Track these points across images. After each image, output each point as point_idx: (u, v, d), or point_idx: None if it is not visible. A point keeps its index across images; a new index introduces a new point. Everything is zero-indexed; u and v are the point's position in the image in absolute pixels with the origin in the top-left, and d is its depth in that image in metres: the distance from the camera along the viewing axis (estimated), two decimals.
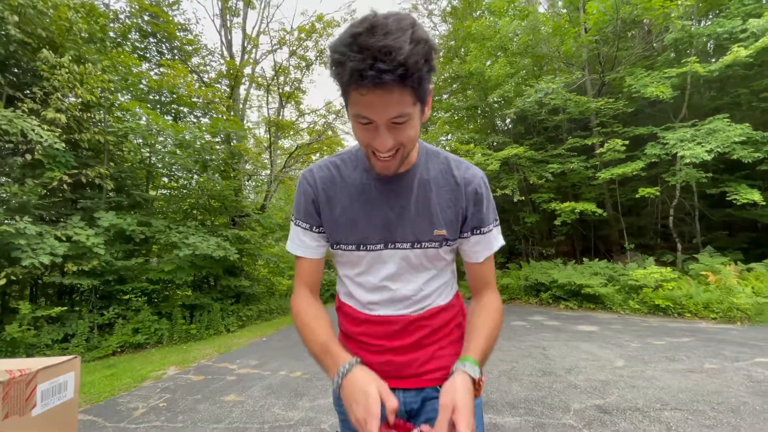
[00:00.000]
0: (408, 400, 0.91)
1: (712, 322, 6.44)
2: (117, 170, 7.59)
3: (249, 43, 12.53)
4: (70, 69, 6.01)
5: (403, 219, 0.86)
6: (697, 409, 2.93)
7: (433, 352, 0.92)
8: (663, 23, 9.69)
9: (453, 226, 0.88)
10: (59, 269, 6.41)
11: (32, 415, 0.77)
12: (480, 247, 0.91)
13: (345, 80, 0.63)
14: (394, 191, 0.86)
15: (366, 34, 0.59)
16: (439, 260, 0.91)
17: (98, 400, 3.68)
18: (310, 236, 0.92)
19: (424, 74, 0.63)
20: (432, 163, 0.89)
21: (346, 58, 0.60)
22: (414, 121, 0.70)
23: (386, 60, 0.58)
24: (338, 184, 0.89)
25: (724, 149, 7.56)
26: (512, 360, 4.52)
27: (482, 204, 0.88)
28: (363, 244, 0.88)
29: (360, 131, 0.72)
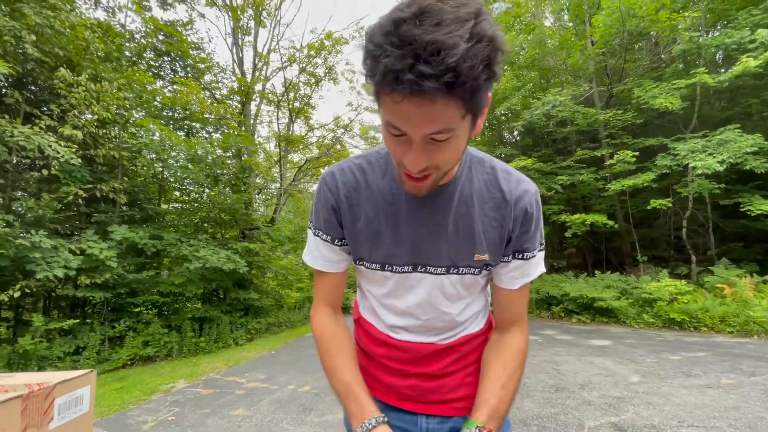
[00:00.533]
0: (431, 427, 0.83)
1: (728, 336, 6.26)
2: (130, 185, 7.75)
3: (260, 61, 12.83)
4: (87, 87, 6.21)
5: (438, 239, 0.73)
6: (714, 425, 2.84)
7: (462, 379, 0.84)
8: (670, 35, 9.71)
9: (496, 249, 0.74)
10: (72, 282, 6.52)
11: (50, 428, 0.79)
12: (518, 273, 0.78)
13: (377, 80, 0.49)
14: (428, 206, 0.72)
15: (411, 22, 0.46)
16: (476, 287, 0.80)
17: (108, 413, 3.69)
18: (332, 249, 0.80)
19: (481, 83, 0.48)
20: (476, 174, 0.74)
21: (381, 52, 0.47)
22: (459, 138, 0.56)
23: (432, 61, 0.44)
24: (363, 191, 0.75)
25: (737, 160, 7.46)
26: (524, 375, 4.43)
27: (531, 225, 0.74)
28: (389, 264, 0.76)
29: (391, 142, 0.58)
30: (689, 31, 9.11)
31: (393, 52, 0.46)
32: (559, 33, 12.33)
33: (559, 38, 11.86)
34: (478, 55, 0.46)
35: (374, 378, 0.87)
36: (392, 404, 0.85)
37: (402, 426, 0.84)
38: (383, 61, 0.47)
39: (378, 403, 0.77)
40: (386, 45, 0.46)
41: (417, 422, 0.84)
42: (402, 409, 0.84)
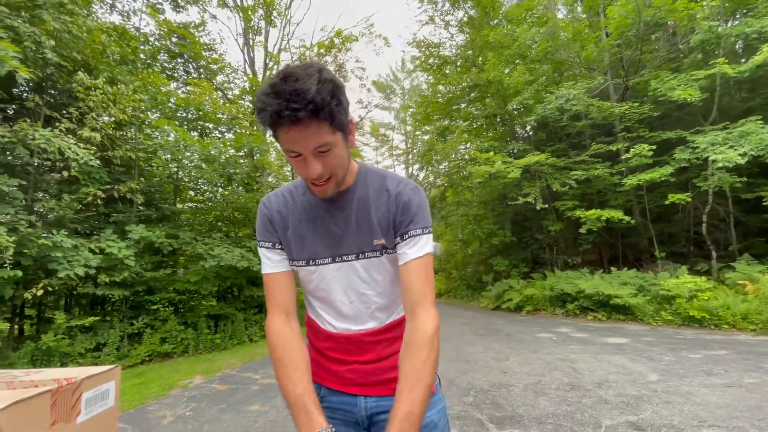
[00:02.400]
0: (369, 405, 0.96)
1: (751, 334, 6.10)
2: (147, 185, 7.90)
3: (271, 60, 12.92)
4: (104, 90, 6.34)
5: (347, 233, 0.92)
6: (736, 425, 2.77)
7: (395, 361, 0.89)
8: (688, 25, 9.44)
9: (390, 235, 0.92)
10: (92, 280, 6.68)
11: (77, 422, 0.81)
12: (406, 248, 0.89)
13: (268, 122, 0.73)
14: (336, 208, 0.93)
15: (281, 83, 0.71)
16: (384, 270, 0.94)
17: (128, 408, 3.79)
18: (274, 252, 0.97)
19: (334, 107, 0.73)
20: (370, 181, 0.95)
21: (266, 105, 0.71)
22: (338, 149, 0.80)
23: (297, 100, 0.69)
24: (290, 206, 0.97)
25: (759, 152, 7.23)
26: (539, 373, 4.40)
27: (410, 210, 0.91)
28: (312, 259, 0.94)
29: (294, 164, 0.81)
30: (708, 20, 8.84)
31: (273, 102, 0.70)
32: (572, 25, 12.09)
33: (572, 30, 11.63)
34: (326, 90, 0.71)
35: (322, 367, 0.99)
36: (336, 389, 0.98)
37: (345, 408, 0.97)
38: (269, 109, 0.71)
39: (324, 389, 0.98)
40: (267, 99, 0.71)
41: (356, 403, 0.96)
42: (345, 392, 0.97)
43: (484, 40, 12.48)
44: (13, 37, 5.16)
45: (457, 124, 15.74)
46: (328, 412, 0.95)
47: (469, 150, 14.19)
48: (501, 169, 10.36)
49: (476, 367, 4.80)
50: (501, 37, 11.91)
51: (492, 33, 12.11)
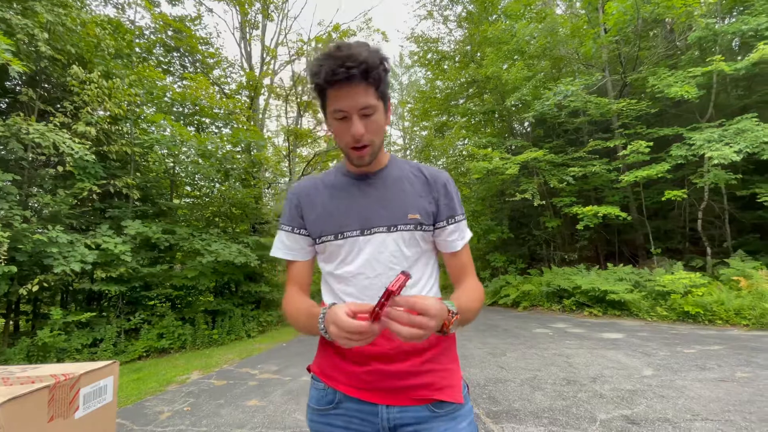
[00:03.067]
0: (392, 416, 0.87)
1: (744, 329, 6.16)
2: (143, 180, 7.86)
3: (268, 55, 12.83)
4: (99, 84, 6.28)
5: (379, 207, 0.93)
6: (728, 419, 2.81)
7: (420, 366, 0.88)
8: (686, 22, 9.44)
9: (426, 212, 0.94)
10: (89, 276, 6.66)
11: (75, 417, 0.81)
12: (456, 236, 0.97)
13: (322, 80, 0.79)
14: (370, 185, 0.96)
15: (335, 50, 0.78)
16: (415, 246, 0.93)
17: (126, 403, 3.80)
18: (292, 238, 0.99)
19: (382, 72, 0.81)
20: (402, 165, 1.01)
21: (321, 66, 0.79)
22: (379, 115, 0.85)
23: (352, 61, 0.76)
24: (319, 188, 0.99)
25: (754, 149, 7.27)
26: (535, 368, 4.44)
27: (451, 196, 0.97)
28: (341, 232, 0.93)
29: (338, 127, 0.85)
30: (705, 17, 8.84)
31: (328, 62, 0.78)
32: (570, 21, 12.07)
33: (570, 26, 11.60)
34: (376, 57, 0.79)
35: (336, 368, 0.92)
36: (352, 395, 0.89)
37: (363, 417, 0.88)
38: (324, 69, 0.78)
39: (340, 394, 0.90)
40: (324, 61, 0.79)
41: (377, 412, 0.87)
42: (362, 400, 0.88)
43: (483, 36, 12.44)
44: (5, 30, 5.09)
45: (455, 120, 15.71)
46: (342, 419, 0.89)
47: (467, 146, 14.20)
48: (499, 165, 10.36)
49: (473, 362, 4.83)
50: (499, 33, 11.87)
51: (490, 28, 12.07)
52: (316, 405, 0.93)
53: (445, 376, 0.89)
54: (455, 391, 0.89)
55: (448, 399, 0.87)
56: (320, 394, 0.93)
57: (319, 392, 0.94)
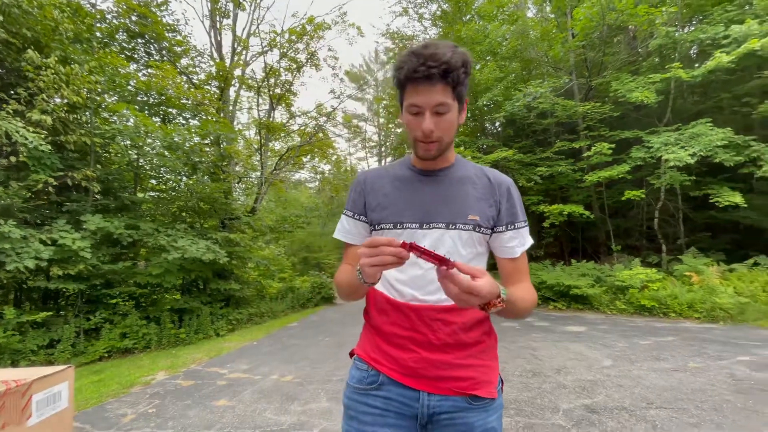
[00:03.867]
0: (432, 404, 0.92)
1: (695, 322, 6.60)
2: (104, 172, 7.47)
3: (239, 45, 12.45)
4: (56, 70, 5.90)
5: (440, 204, 0.96)
6: (681, 407, 3.01)
7: (463, 359, 0.93)
8: (648, 29, 9.92)
9: (486, 216, 0.96)
10: (44, 273, 6.29)
11: (28, 425, 0.77)
12: (515, 243, 0.99)
13: (403, 76, 0.84)
14: (434, 182, 0.99)
15: (421, 48, 0.82)
16: (471, 246, 0.95)
17: (86, 406, 3.62)
18: (353, 223, 1.05)
19: (461, 75, 0.84)
20: (468, 166, 1.03)
21: (405, 63, 0.83)
22: (452, 114, 0.87)
23: (434, 61, 0.80)
24: (384, 177, 1.03)
25: (707, 153, 7.76)
26: (503, 361, 4.57)
27: (514, 202, 1.00)
28: (400, 222, 0.96)
29: (410, 121, 0.89)
30: (666, 25, 9.32)
31: (413, 60, 0.82)
32: (541, 24, 12.41)
33: (541, 30, 11.94)
34: (459, 59, 0.82)
35: (382, 352, 0.97)
36: (396, 379, 0.94)
37: (404, 401, 0.93)
38: (407, 66, 0.82)
39: (383, 377, 0.94)
40: (408, 58, 0.83)
41: (419, 398, 0.92)
42: (405, 385, 0.93)
43: (457, 35, 12.57)
44: None
45: None
46: (383, 401, 0.93)
47: None
48: None
49: None
50: (473, 33, 12.05)
51: (464, 28, 12.22)
52: (357, 384, 0.98)
53: (485, 372, 0.95)
54: (492, 387, 0.95)
55: (485, 395, 0.93)
56: (362, 374, 0.98)
57: (361, 372, 0.98)
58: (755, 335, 5.38)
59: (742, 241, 9.87)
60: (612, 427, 2.72)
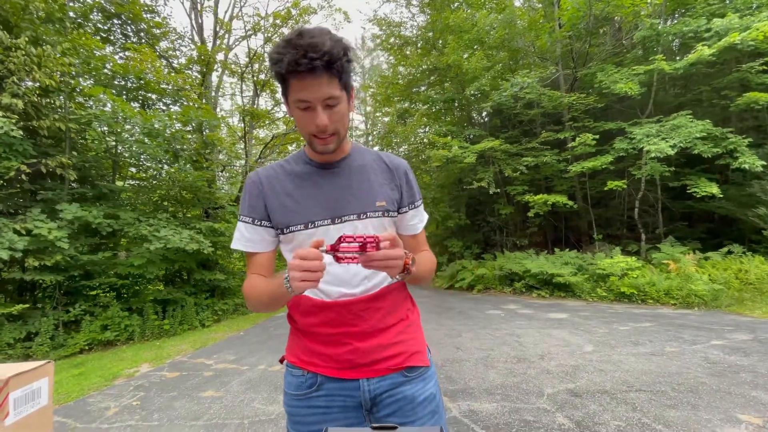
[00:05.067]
0: (372, 387, 0.94)
1: (672, 308, 6.83)
2: (80, 160, 7.20)
3: (221, 28, 12.08)
4: (27, 51, 5.62)
5: (347, 195, 0.95)
6: (659, 389, 3.12)
7: (394, 337, 0.96)
8: (633, 21, 10.01)
9: (391, 199, 0.99)
10: (19, 264, 6.07)
11: (5, 424, 0.73)
12: (417, 220, 1.06)
13: (284, 70, 0.78)
14: (335, 174, 0.97)
15: (297, 38, 0.77)
16: (382, 230, 0.97)
17: (67, 400, 3.54)
18: (252, 230, 0.97)
19: (345, 63, 0.80)
20: (364, 153, 1.04)
21: (283, 55, 0.76)
22: (343, 105, 0.85)
23: (314, 51, 0.75)
24: (282, 176, 0.98)
25: (686, 144, 7.95)
26: (488, 348, 4.66)
27: (411, 183, 1.04)
28: (311, 221, 0.94)
29: (301, 117, 0.85)
30: (650, 17, 9.42)
31: (291, 51, 0.75)
32: (528, 14, 12.39)
33: (528, 19, 11.92)
34: (339, 47, 0.78)
35: (314, 353, 0.96)
36: (333, 376, 0.94)
37: (346, 394, 0.94)
38: (286, 58, 0.76)
39: (321, 377, 0.94)
40: (286, 49, 0.76)
41: (359, 386, 0.93)
42: (344, 378, 0.94)
43: (445, 23, 12.47)
44: None
45: (417, 107, 15.77)
46: (326, 400, 0.94)
47: (428, 134, 14.33)
48: (458, 153, 10.58)
49: (430, 343, 4.93)
50: (461, 21, 11.96)
51: (452, 16, 12.12)
52: (295, 391, 0.96)
53: (413, 344, 0.99)
54: (423, 355, 0.99)
55: (418, 364, 0.97)
56: (299, 380, 0.96)
57: (297, 378, 0.97)
58: (728, 320, 5.61)
59: (717, 230, 10.23)
60: (594, 409, 2.80)
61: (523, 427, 2.59)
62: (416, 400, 0.94)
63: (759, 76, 8.54)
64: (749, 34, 7.50)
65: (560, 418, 2.70)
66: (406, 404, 0.93)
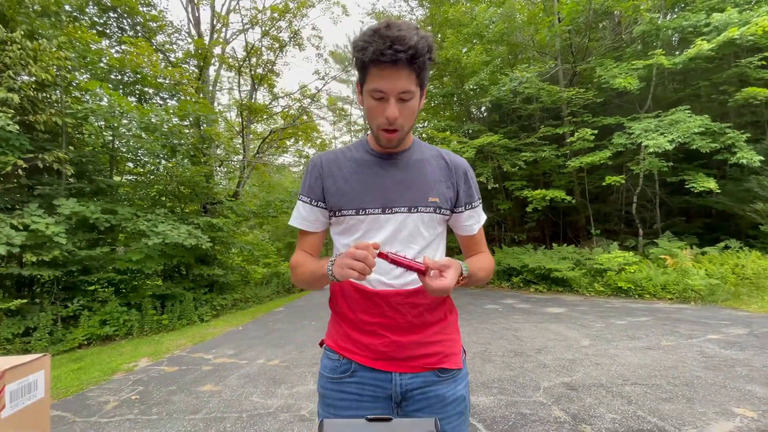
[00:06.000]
0: (404, 382, 0.95)
1: (668, 302, 6.87)
2: (77, 155, 7.16)
3: (218, 22, 11.97)
4: (23, 45, 5.56)
5: (401, 188, 0.97)
6: (654, 383, 3.15)
7: (430, 336, 0.97)
8: (632, 15, 9.96)
9: (445, 197, 1.00)
10: (17, 260, 6.06)
11: (2, 416, 0.74)
12: (473, 221, 1.06)
13: (368, 59, 0.79)
14: (393, 165, 0.99)
15: (385, 29, 0.78)
16: (433, 228, 0.99)
17: (66, 394, 3.55)
18: (309, 210, 1.01)
19: (426, 60, 0.82)
20: (425, 149, 1.04)
21: (369, 44, 0.78)
22: (415, 101, 0.87)
23: (401, 44, 0.77)
24: (342, 161, 1.01)
25: (685, 139, 7.95)
26: (486, 342, 4.68)
27: (470, 183, 1.04)
28: (362, 208, 0.96)
29: (374, 107, 0.87)
30: (650, 12, 9.38)
31: (378, 41, 0.77)
32: (527, 8, 12.32)
33: (528, 13, 11.85)
34: (424, 44, 0.79)
35: (352, 340, 0.98)
36: (368, 365, 0.96)
37: (377, 384, 0.96)
38: (371, 47, 0.78)
39: (355, 364, 0.96)
40: (373, 38, 0.78)
41: (392, 379, 0.96)
42: (377, 369, 0.96)
43: (444, 17, 12.39)
44: None
45: None
46: (357, 387, 0.96)
47: (426, 129, 14.28)
48: (456, 148, 10.55)
49: None
50: (460, 15, 11.88)
51: (451, 10, 12.04)
52: (330, 374, 0.99)
53: (450, 345, 1.00)
54: (457, 358, 1.01)
55: (452, 366, 0.98)
56: (335, 364, 0.99)
57: (333, 362, 0.99)
58: (724, 315, 5.65)
59: (714, 226, 10.27)
60: (590, 403, 2.83)
61: (519, 420, 2.61)
62: (446, 399, 0.96)
63: (757, 71, 8.54)
64: (748, 29, 7.47)
65: (556, 411, 2.72)
66: (436, 402, 0.96)
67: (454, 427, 0.96)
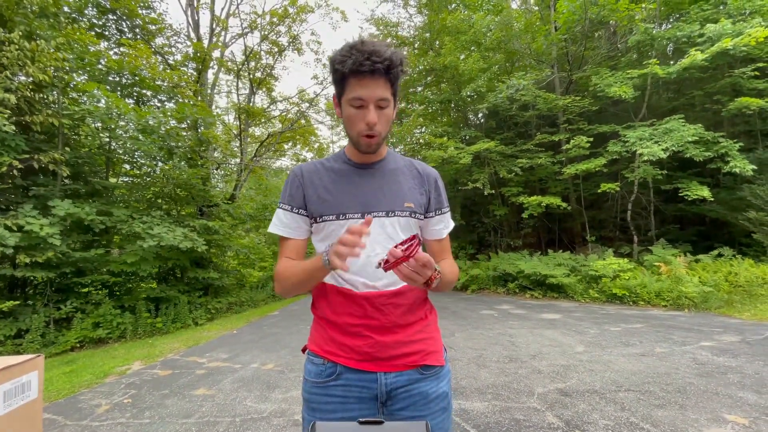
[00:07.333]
0: (389, 381, 0.98)
1: (662, 309, 6.90)
2: (73, 156, 7.14)
3: (218, 25, 12.03)
4: (21, 45, 5.57)
5: (379, 194, 1.03)
6: (648, 390, 3.16)
7: (413, 335, 1.01)
8: (627, 25, 10.10)
9: (419, 203, 1.07)
10: (10, 261, 6.01)
11: None
12: (442, 225, 1.13)
13: (347, 69, 0.88)
14: (370, 174, 1.06)
15: (361, 45, 0.88)
16: (409, 231, 1.04)
17: (57, 397, 3.52)
18: (290, 216, 1.05)
19: (399, 72, 0.91)
20: (398, 159, 1.12)
21: (347, 57, 0.87)
22: (390, 109, 0.95)
23: (377, 56, 0.86)
24: (321, 171, 1.07)
25: (679, 148, 8.03)
26: (481, 348, 4.68)
27: (440, 191, 1.13)
28: (342, 213, 1.01)
29: (354, 115, 0.93)
30: (645, 22, 9.51)
31: (356, 54, 0.87)
32: (524, 16, 12.46)
33: (525, 22, 11.99)
34: (397, 57, 0.89)
35: (336, 343, 1.00)
36: (353, 367, 0.98)
37: (362, 384, 0.98)
38: (350, 60, 0.87)
39: (340, 367, 0.98)
40: (351, 53, 0.87)
41: (377, 379, 0.98)
42: (362, 370, 0.98)
43: (442, 24, 12.51)
44: None
45: (414, 107, 15.81)
46: (343, 389, 0.98)
47: (424, 134, 14.36)
48: (453, 154, 10.62)
49: None
50: (458, 22, 12.00)
51: (449, 17, 12.16)
52: (315, 378, 1.00)
53: (431, 343, 1.04)
54: (439, 355, 1.05)
55: (435, 363, 1.02)
56: (319, 369, 1.01)
57: (317, 367, 1.01)
58: (717, 322, 5.68)
59: (708, 233, 10.35)
60: (583, 409, 2.83)
61: (513, 426, 2.61)
62: (430, 396, 0.99)
63: (751, 81, 8.65)
64: (741, 40, 7.59)
65: (550, 417, 2.72)
66: (420, 399, 0.98)
67: (438, 423, 0.99)
